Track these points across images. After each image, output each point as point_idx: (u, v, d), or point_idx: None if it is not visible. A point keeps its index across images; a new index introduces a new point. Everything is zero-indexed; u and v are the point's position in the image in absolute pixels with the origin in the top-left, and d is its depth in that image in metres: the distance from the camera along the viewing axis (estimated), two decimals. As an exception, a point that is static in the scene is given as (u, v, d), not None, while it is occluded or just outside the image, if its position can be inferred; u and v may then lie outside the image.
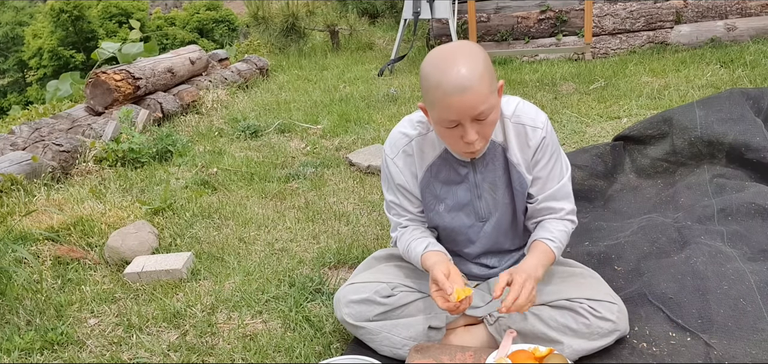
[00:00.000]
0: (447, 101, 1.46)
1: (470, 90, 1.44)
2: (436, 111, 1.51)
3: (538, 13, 6.52)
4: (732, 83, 4.49)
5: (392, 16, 9.89)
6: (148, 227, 2.65)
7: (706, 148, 2.72)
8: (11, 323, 2.10)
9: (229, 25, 18.73)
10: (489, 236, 1.78)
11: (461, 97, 1.44)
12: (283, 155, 3.87)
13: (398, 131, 1.75)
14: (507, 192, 1.72)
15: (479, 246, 1.81)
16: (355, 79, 6.17)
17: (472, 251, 1.82)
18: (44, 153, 3.49)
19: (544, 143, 1.65)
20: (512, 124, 1.66)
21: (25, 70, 19.34)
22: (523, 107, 1.67)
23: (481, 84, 1.45)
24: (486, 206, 1.74)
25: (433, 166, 1.72)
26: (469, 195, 1.73)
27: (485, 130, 1.53)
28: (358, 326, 1.75)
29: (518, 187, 1.70)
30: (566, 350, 1.63)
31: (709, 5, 6.29)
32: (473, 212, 1.75)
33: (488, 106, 1.48)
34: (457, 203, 1.74)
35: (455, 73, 1.45)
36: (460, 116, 1.47)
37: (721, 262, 1.94)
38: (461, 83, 1.44)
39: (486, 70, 1.47)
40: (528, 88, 5.07)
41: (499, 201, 1.73)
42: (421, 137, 1.71)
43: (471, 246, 1.81)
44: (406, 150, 1.73)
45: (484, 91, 1.46)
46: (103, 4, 17.82)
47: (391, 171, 1.76)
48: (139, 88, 4.70)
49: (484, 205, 1.74)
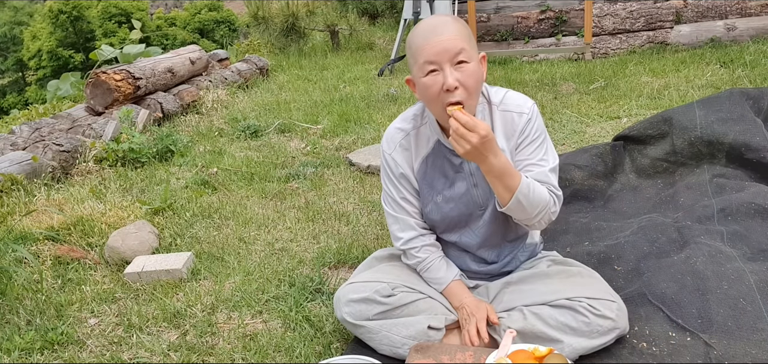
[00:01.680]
0: (425, 45, 1.55)
1: (446, 31, 1.55)
2: (417, 65, 1.59)
3: (538, 13, 6.53)
4: (732, 83, 4.49)
5: (392, 16, 9.89)
6: (148, 227, 2.65)
7: (706, 148, 2.72)
8: (11, 322, 2.10)
9: (230, 26, 18.75)
10: (488, 224, 1.79)
11: (438, 37, 1.54)
12: (283, 155, 3.87)
13: (393, 127, 1.80)
14: None
15: (479, 235, 1.81)
16: (355, 79, 6.17)
17: (471, 240, 1.82)
18: (44, 153, 3.49)
19: (529, 126, 1.68)
20: (499, 112, 1.70)
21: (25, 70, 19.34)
22: (511, 95, 1.73)
23: (458, 28, 1.56)
24: (483, 193, 1.75)
25: (429, 157, 1.76)
26: (465, 184, 1.75)
27: (466, 80, 1.56)
28: (358, 325, 1.75)
29: None
30: (566, 349, 1.63)
31: (708, 5, 6.29)
32: (471, 200, 1.76)
33: (466, 54, 1.55)
34: (454, 192, 1.76)
35: (433, 21, 1.59)
36: (439, 57, 1.54)
37: (721, 262, 1.94)
38: (438, 26, 1.56)
39: (464, 28, 1.58)
40: (528, 88, 5.07)
41: None
42: (416, 131, 1.76)
43: (470, 235, 1.82)
44: (402, 144, 1.77)
45: (462, 35, 1.56)
46: (102, 4, 17.82)
47: (389, 164, 1.79)
48: (140, 88, 4.70)
49: (480, 192, 1.75)
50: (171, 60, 5.37)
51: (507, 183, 1.59)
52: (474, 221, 1.79)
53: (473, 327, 1.69)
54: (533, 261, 1.89)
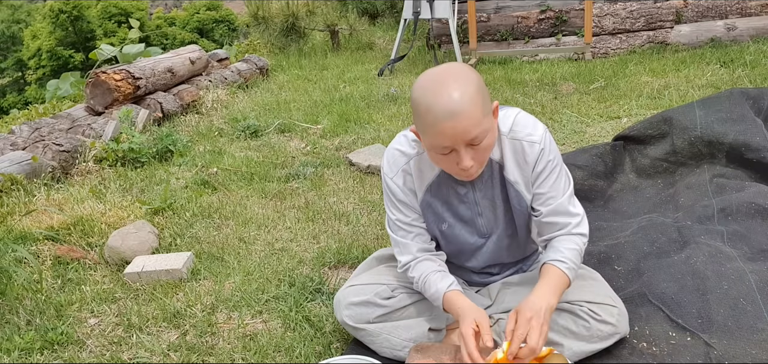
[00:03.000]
0: (439, 128, 1.40)
1: (462, 115, 1.39)
2: (428, 137, 1.46)
3: (538, 13, 6.52)
4: (732, 83, 4.49)
5: (392, 15, 9.89)
6: (148, 227, 2.65)
7: (706, 148, 2.72)
8: (11, 322, 2.10)
9: (229, 25, 18.75)
10: (491, 251, 1.77)
11: (453, 122, 1.39)
12: (283, 155, 3.87)
13: (395, 149, 1.69)
14: (506, 209, 1.69)
15: (481, 260, 1.80)
16: (355, 78, 6.17)
17: (474, 265, 1.82)
18: (44, 153, 3.49)
19: (542, 156, 1.59)
20: (509, 140, 1.60)
21: (24, 70, 19.34)
22: (520, 121, 1.61)
23: (473, 108, 1.40)
24: (487, 222, 1.72)
25: (433, 185, 1.68)
26: (470, 213, 1.70)
27: (481, 156, 1.48)
28: (358, 328, 1.75)
29: (517, 205, 1.66)
30: (566, 353, 1.63)
31: (709, 5, 6.29)
32: (475, 229, 1.73)
33: (482, 131, 1.43)
34: (458, 220, 1.72)
35: (446, 97, 1.39)
36: (454, 142, 1.42)
37: (721, 262, 1.94)
38: (452, 108, 1.38)
39: (478, 93, 1.42)
40: (528, 88, 5.07)
41: (500, 218, 1.70)
42: (419, 157, 1.66)
43: (473, 261, 1.81)
44: (405, 169, 1.68)
45: (477, 115, 1.41)
46: (102, 4, 17.82)
47: (391, 189, 1.70)
48: (139, 88, 4.70)
49: (485, 222, 1.71)
50: (171, 60, 5.37)
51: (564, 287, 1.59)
52: (478, 248, 1.77)
53: (468, 327, 1.53)
54: (534, 263, 1.89)
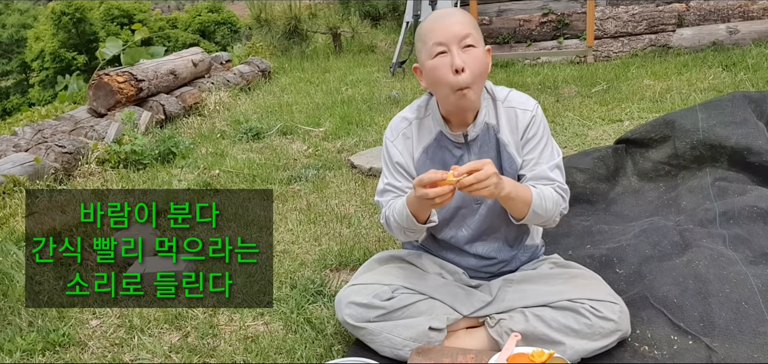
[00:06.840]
0: (434, 27, 1.64)
1: (455, 15, 1.65)
2: (425, 48, 1.65)
3: (540, 16, 6.53)
4: (734, 87, 4.48)
5: (394, 18, 9.91)
6: (149, 229, 2.65)
7: (708, 152, 2.72)
8: (13, 324, 2.10)
9: (231, 27, 18.76)
10: (483, 218, 1.80)
11: (446, 21, 1.63)
12: (285, 157, 3.87)
13: (399, 116, 1.85)
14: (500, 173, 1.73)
15: (473, 228, 1.82)
16: (357, 81, 6.17)
17: (465, 233, 1.83)
18: (47, 155, 3.50)
19: (533, 122, 1.73)
20: (504, 108, 1.76)
21: (28, 72, 19.36)
22: (515, 93, 1.79)
23: (466, 17, 1.66)
24: None
25: (430, 147, 1.78)
26: None
27: (473, 64, 1.61)
28: (359, 326, 1.76)
29: (508, 168, 1.75)
30: (568, 351, 1.62)
31: (711, 8, 6.29)
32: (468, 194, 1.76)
33: (473, 39, 1.62)
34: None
35: (442, 10, 1.71)
36: (447, 38, 1.60)
37: (723, 265, 1.94)
38: (447, 13, 1.67)
39: (471, 17, 1.68)
40: (530, 91, 5.07)
41: None
42: (419, 121, 1.80)
43: (464, 228, 1.83)
44: (405, 133, 1.80)
45: (470, 22, 1.64)
46: (105, 5, 17.83)
47: (390, 152, 1.81)
48: (142, 90, 4.71)
49: None
50: (173, 62, 5.39)
51: (523, 197, 1.65)
52: (470, 215, 1.81)
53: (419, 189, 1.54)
54: (535, 263, 1.89)
